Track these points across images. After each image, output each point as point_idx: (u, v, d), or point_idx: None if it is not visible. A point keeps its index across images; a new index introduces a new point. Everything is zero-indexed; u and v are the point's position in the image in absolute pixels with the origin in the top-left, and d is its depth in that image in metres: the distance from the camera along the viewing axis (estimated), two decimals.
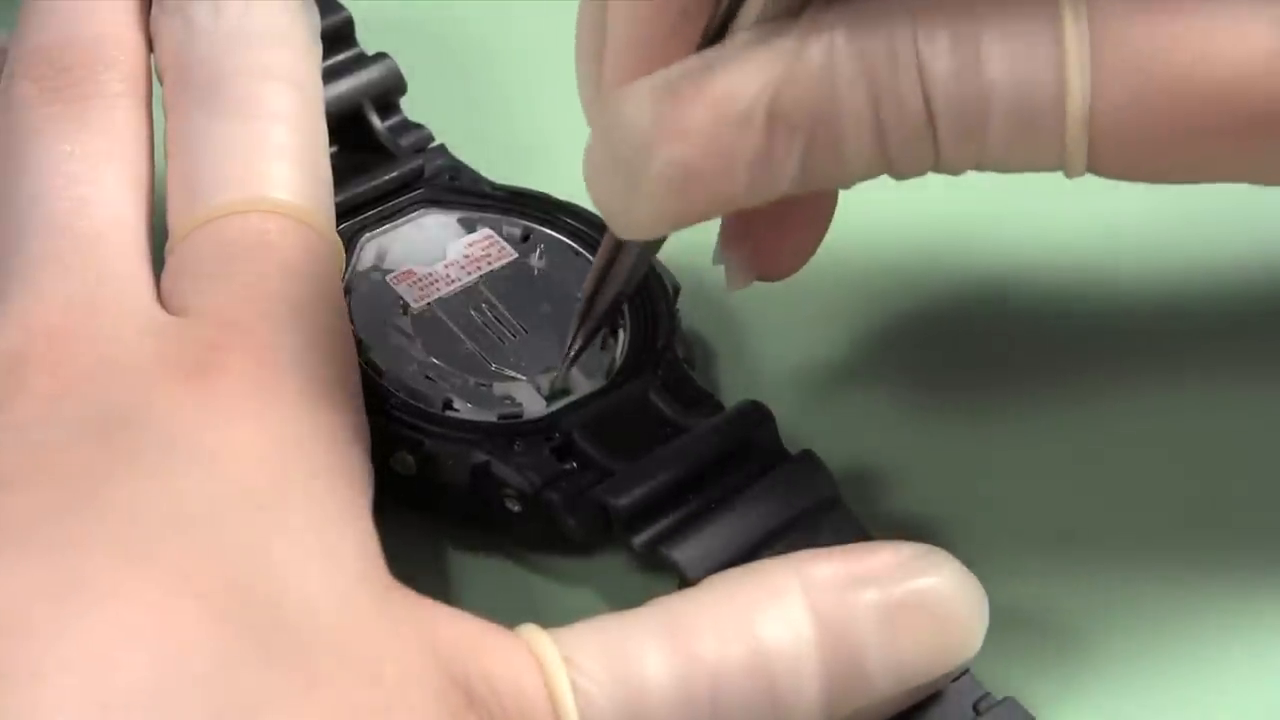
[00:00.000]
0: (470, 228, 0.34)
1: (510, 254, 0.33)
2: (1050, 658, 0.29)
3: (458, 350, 0.31)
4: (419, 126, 0.36)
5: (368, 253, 0.33)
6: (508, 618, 0.26)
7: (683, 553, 0.28)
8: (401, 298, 0.32)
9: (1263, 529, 0.31)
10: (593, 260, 0.33)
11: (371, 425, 0.29)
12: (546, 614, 0.27)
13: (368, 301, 0.32)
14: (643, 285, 0.33)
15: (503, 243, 0.33)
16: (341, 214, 0.32)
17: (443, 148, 0.36)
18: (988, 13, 0.25)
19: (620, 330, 0.32)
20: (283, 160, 0.30)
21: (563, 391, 0.31)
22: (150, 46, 0.31)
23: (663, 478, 0.29)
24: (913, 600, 0.27)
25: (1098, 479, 0.32)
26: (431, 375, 0.31)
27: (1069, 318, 0.34)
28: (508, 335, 0.32)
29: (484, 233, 0.34)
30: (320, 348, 0.28)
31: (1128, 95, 0.25)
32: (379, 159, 0.35)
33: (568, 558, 0.30)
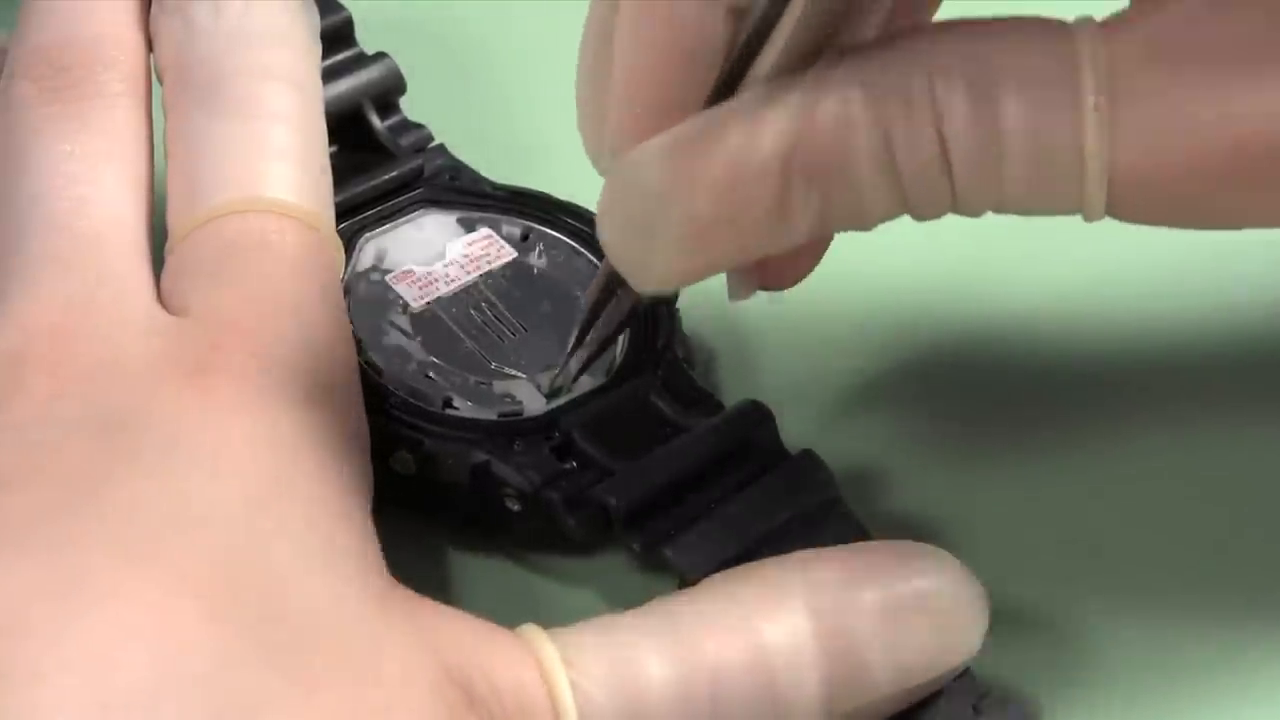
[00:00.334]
0: (470, 227, 0.34)
1: (510, 253, 0.33)
2: (1050, 658, 0.29)
3: (457, 349, 0.31)
4: (419, 126, 0.36)
5: (367, 253, 0.33)
6: (508, 618, 0.26)
7: (682, 553, 0.28)
8: (401, 297, 0.32)
9: (1262, 529, 0.31)
10: (593, 260, 0.33)
11: (371, 425, 0.29)
12: (546, 614, 0.27)
13: (367, 301, 0.32)
14: None
15: (502, 242, 0.33)
16: (341, 214, 0.32)
17: (442, 147, 0.36)
18: (1004, 60, 0.25)
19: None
20: (283, 160, 0.30)
21: (563, 390, 0.31)
22: (150, 46, 0.31)
23: (662, 477, 0.29)
24: (913, 600, 0.27)
25: (1098, 478, 0.32)
26: (431, 374, 0.31)
27: (1071, 318, 0.34)
28: (507, 334, 0.32)
29: (484, 232, 0.34)
30: (320, 348, 0.28)
31: (1147, 146, 0.25)
32: (379, 159, 0.35)
33: (568, 558, 0.30)
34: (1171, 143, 0.25)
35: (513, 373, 0.31)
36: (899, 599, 0.26)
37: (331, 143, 0.32)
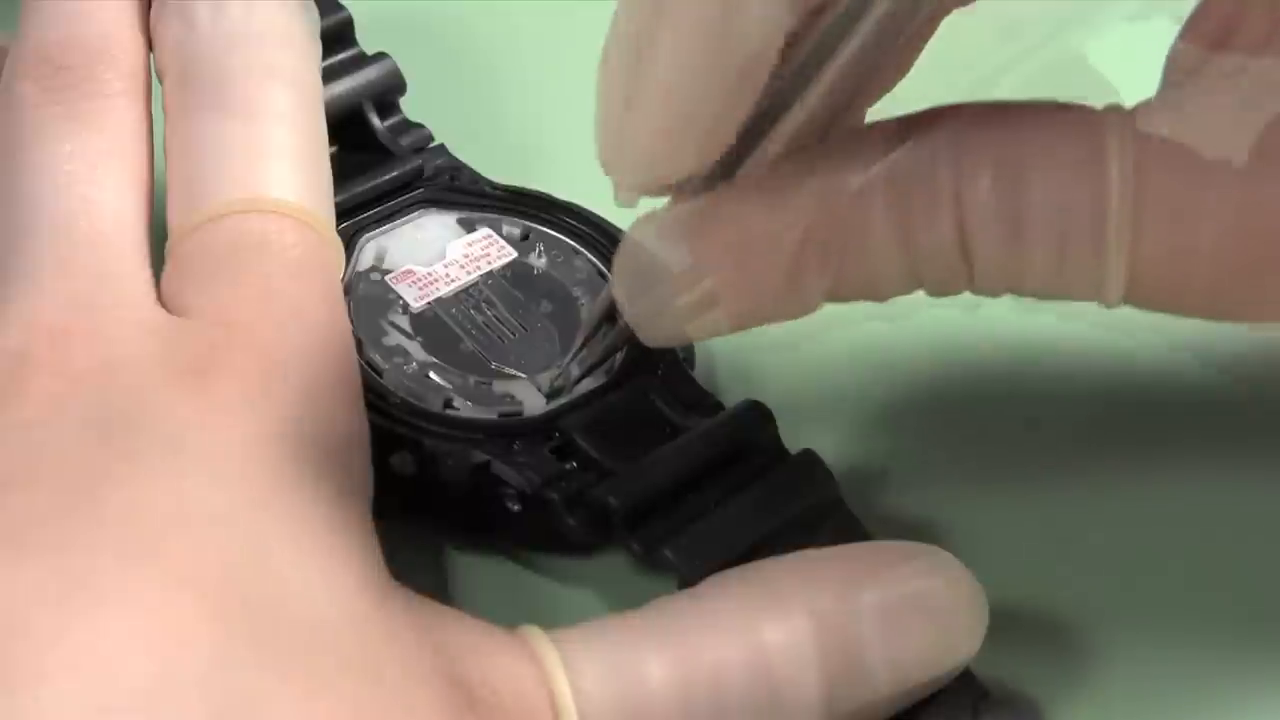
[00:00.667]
0: (470, 227, 0.34)
1: (510, 253, 0.33)
2: (1050, 658, 0.29)
3: (458, 349, 0.31)
4: (419, 126, 0.36)
5: (367, 253, 0.33)
6: (508, 618, 0.26)
7: (682, 553, 0.28)
8: (401, 297, 0.32)
9: (1262, 529, 0.31)
10: (593, 260, 0.33)
11: (371, 425, 0.28)
12: (546, 614, 0.27)
13: (367, 301, 0.32)
14: None
15: (502, 242, 0.33)
16: (341, 214, 0.32)
17: (442, 148, 0.36)
18: (1031, 146, 0.25)
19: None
20: (283, 160, 0.30)
21: (563, 390, 0.31)
22: (150, 46, 0.31)
23: (662, 478, 0.29)
24: (913, 600, 0.27)
25: (1098, 478, 0.32)
26: (431, 374, 0.31)
27: (1073, 319, 0.34)
28: (507, 334, 0.32)
29: (484, 232, 0.34)
30: (321, 348, 0.28)
31: (1170, 237, 0.25)
32: (379, 159, 0.35)
33: (568, 558, 0.30)
34: (1195, 233, 0.25)
35: (513, 373, 0.31)
36: (899, 599, 0.26)
37: (331, 143, 0.32)
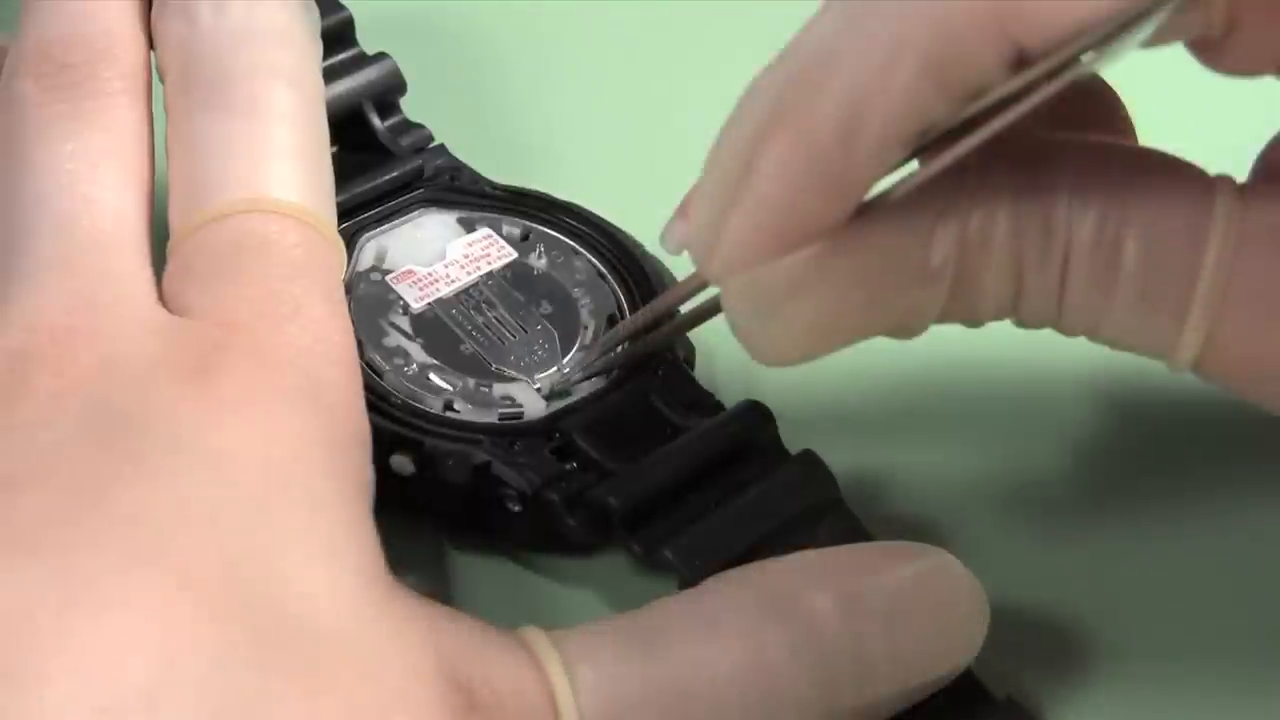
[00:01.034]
0: (470, 227, 0.34)
1: (510, 254, 0.33)
2: (1050, 658, 0.29)
3: (458, 351, 0.31)
4: (419, 126, 0.36)
5: (367, 253, 0.33)
6: (508, 618, 0.26)
7: (682, 553, 0.28)
8: (401, 298, 0.32)
9: (1263, 529, 0.31)
10: (592, 261, 0.33)
11: (371, 425, 0.28)
12: (546, 614, 0.27)
13: (368, 301, 0.32)
14: (644, 288, 0.33)
15: (502, 242, 0.33)
16: (341, 214, 0.32)
17: (443, 148, 0.36)
18: (1140, 202, 0.25)
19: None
20: (285, 160, 0.30)
21: (563, 392, 0.31)
22: (151, 44, 0.31)
23: (662, 478, 0.29)
24: (913, 601, 0.27)
25: (1098, 478, 0.32)
26: (432, 376, 0.31)
27: None
28: (508, 335, 0.32)
29: (484, 232, 0.34)
30: (322, 348, 0.28)
31: (1251, 324, 0.25)
32: (379, 159, 0.35)
33: (568, 558, 0.30)
34: (1276, 326, 0.25)
35: (513, 374, 0.31)
36: (899, 599, 0.26)
37: (332, 143, 0.32)
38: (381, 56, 0.36)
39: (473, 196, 0.35)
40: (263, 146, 0.30)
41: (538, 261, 0.33)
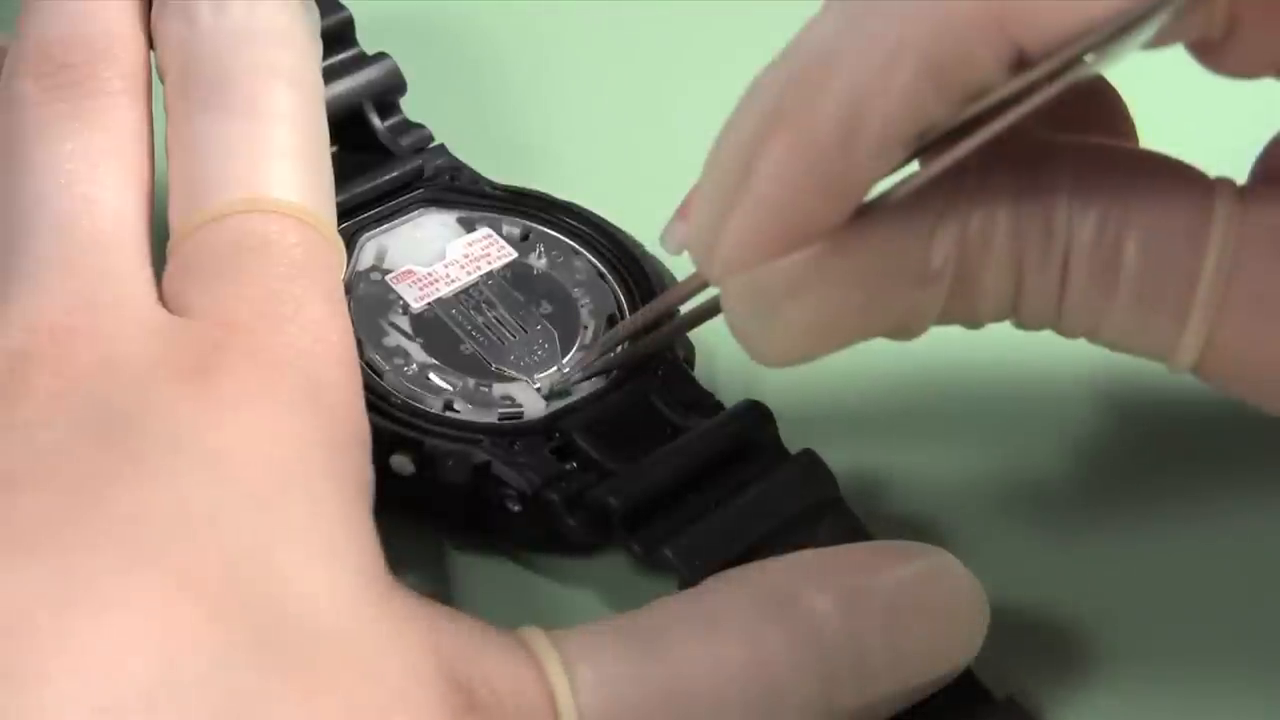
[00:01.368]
0: (470, 227, 0.34)
1: (510, 253, 0.33)
2: (1050, 658, 0.29)
3: (458, 351, 0.31)
4: (419, 126, 0.36)
5: (367, 252, 0.33)
6: (508, 618, 0.26)
7: (682, 553, 0.28)
8: (401, 298, 0.32)
9: (1263, 529, 0.31)
10: (592, 261, 0.33)
11: (371, 425, 0.28)
12: (546, 614, 0.27)
13: (367, 301, 0.32)
14: (644, 288, 0.33)
15: (502, 242, 0.33)
16: (341, 214, 0.32)
17: (442, 147, 0.36)
18: (1140, 204, 0.25)
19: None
20: (285, 160, 0.30)
21: (563, 392, 0.31)
22: (151, 44, 0.31)
23: (662, 478, 0.29)
24: (913, 600, 0.27)
25: (1099, 477, 0.32)
26: (431, 376, 0.31)
27: None
28: (508, 335, 0.32)
29: (483, 232, 0.34)
30: (322, 348, 0.28)
31: (1251, 327, 0.25)
32: (379, 159, 0.35)
33: (568, 558, 0.30)
34: (1276, 329, 0.25)
35: (513, 374, 0.31)
36: (899, 599, 0.26)
37: (332, 143, 0.32)
38: (381, 56, 0.36)
39: (473, 196, 0.35)
40: (263, 146, 0.30)
41: (538, 261, 0.33)
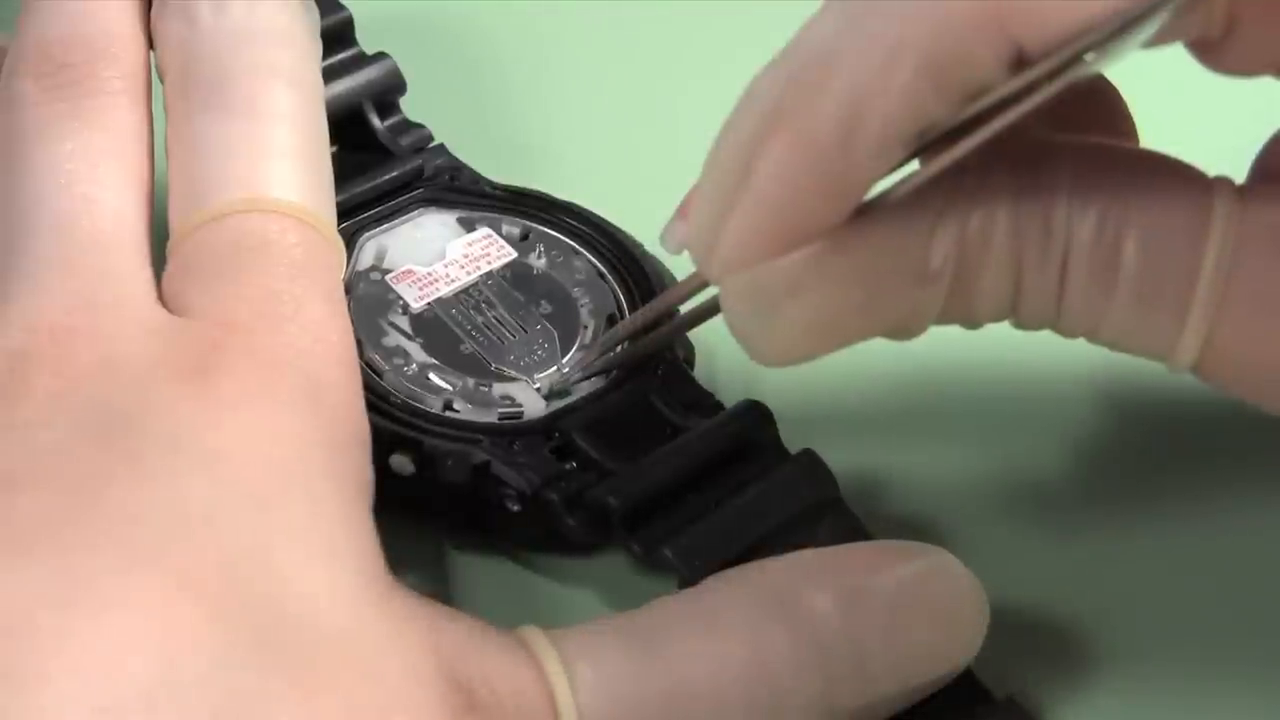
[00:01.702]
0: (470, 227, 0.34)
1: (510, 253, 0.33)
2: (1050, 658, 0.29)
3: (457, 350, 0.31)
4: (419, 126, 0.36)
5: (367, 252, 0.33)
6: (508, 618, 0.26)
7: (682, 553, 0.28)
8: (401, 297, 0.32)
9: (1263, 529, 0.31)
10: (592, 261, 0.33)
11: (371, 425, 0.28)
12: (546, 614, 0.27)
13: (367, 301, 0.32)
14: (644, 288, 0.33)
15: (502, 242, 0.33)
16: (341, 213, 0.32)
17: (442, 147, 0.36)
18: (1138, 203, 0.25)
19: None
20: (285, 160, 0.30)
21: (562, 392, 0.31)
22: (151, 44, 0.31)
23: (662, 478, 0.29)
24: (913, 600, 0.27)
25: (1099, 477, 0.32)
26: (431, 375, 0.31)
27: None
28: (507, 335, 0.32)
29: (483, 232, 0.34)
30: (322, 348, 0.28)
31: (1250, 325, 0.25)
32: (379, 159, 0.35)
33: (568, 558, 0.30)
34: (1275, 327, 0.25)
35: (512, 374, 0.31)
36: (899, 599, 0.26)
37: (332, 143, 0.32)
38: (381, 56, 0.36)
39: (472, 196, 0.35)
40: (262, 146, 0.30)
41: (537, 261, 0.33)
